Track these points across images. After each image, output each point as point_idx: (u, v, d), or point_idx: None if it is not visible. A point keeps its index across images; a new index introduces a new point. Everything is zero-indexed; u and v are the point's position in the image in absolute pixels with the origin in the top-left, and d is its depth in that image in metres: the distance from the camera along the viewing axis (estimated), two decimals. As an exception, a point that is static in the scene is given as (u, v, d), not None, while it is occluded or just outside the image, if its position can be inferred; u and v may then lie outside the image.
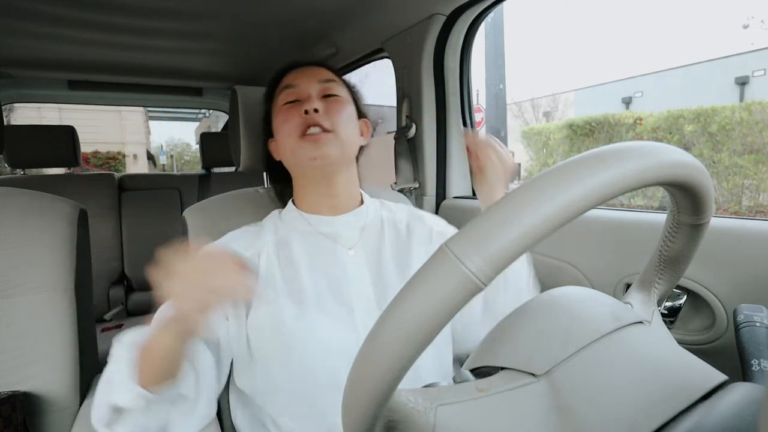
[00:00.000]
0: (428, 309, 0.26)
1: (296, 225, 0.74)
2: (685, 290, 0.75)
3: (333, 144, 0.69)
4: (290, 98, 0.73)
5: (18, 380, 0.75)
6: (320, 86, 0.74)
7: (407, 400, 0.33)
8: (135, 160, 16.02)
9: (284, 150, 0.73)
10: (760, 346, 0.40)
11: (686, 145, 5.54)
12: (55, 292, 0.78)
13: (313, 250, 0.71)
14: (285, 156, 0.74)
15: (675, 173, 0.31)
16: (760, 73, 9.59)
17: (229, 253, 0.50)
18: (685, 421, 0.30)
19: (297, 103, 0.72)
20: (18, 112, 8.82)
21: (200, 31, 1.50)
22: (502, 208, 0.27)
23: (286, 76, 0.76)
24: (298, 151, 0.69)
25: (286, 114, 0.72)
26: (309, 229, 0.73)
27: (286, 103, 0.73)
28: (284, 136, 0.71)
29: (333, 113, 0.71)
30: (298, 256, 0.70)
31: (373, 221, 0.77)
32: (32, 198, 0.83)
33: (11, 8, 1.25)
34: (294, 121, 0.70)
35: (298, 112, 0.70)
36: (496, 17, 4.24)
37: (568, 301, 0.41)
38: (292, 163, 0.74)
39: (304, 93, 0.72)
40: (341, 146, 0.70)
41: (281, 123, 0.72)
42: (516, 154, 10.77)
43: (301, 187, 0.76)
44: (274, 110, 0.75)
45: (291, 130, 0.70)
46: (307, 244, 0.71)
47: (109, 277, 1.91)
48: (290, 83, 0.74)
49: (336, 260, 0.70)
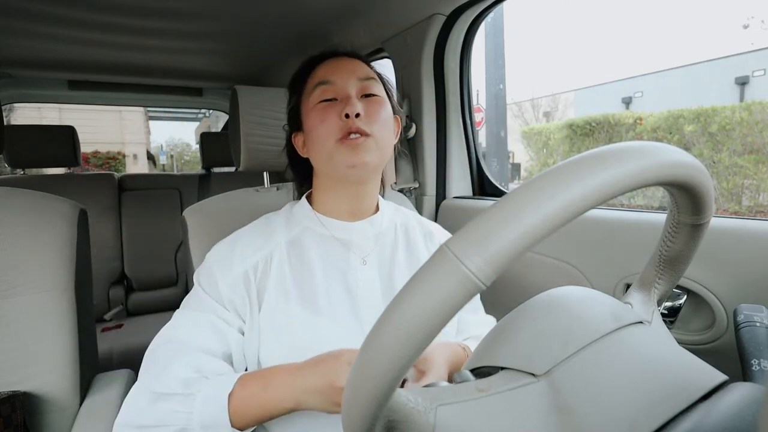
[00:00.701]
0: (428, 309, 0.26)
1: (310, 226, 0.71)
2: (685, 290, 0.75)
3: (372, 151, 0.66)
4: (327, 96, 0.67)
5: (18, 380, 0.75)
6: (360, 84, 0.68)
7: (407, 400, 0.33)
8: (135, 160, 16.02)
9: (319, 151, 0.68)
10: (760, 346, 0.40)
11: (686, 145, 5.54)
12: (55, 292, 0.78)
13: (326, 255, 0.69)
14: (318, 157, 0.69)
15: (675, 173, 0.31)
16: (760, 73, 9.59)
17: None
18: (685, 421, 0.30)
19: (335, 102, 0.67)
20: (18, 112, 8.82)
21: (200, 31, 1.50)
22: (502, 208, 0.27)
23: (321, 67, 0.70)
24: (336, 155, 0.65)
25: (322, 113, 0.66)
26: (324, 232, 0.70)
27: (322, 100, 0.67)
28: (320, 137, 0.66)
29: (373, 116, 0.67)
30: (311, 259, 0.68)
31: (387, 228, 0.75)
32: (32, 198, 0.83)
33: (11, 8, 1.25)
34: (333, 123, 0.65)
35: (337, 113, 0.65)
36: (496, 17, 4.25)
37: (568, 301, 0.41)
38: (325, 166, 0.68)
39: (343, 92, 0.67)
40: (380, 152, 0.67)
41: (317, 122, 0.67)
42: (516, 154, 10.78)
43: (326, 188, 0.72)
44: (305, 105, 0.70)
45: (329, 133, 0.65)
46: (320, 247, 0.69)
47: (109, 277, 1.91)
48: (326, 78, 0.68)
49: (349, 269, 0.68)
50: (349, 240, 0.70)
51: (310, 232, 0.70)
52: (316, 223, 0.71)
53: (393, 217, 0.78)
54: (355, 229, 0.71)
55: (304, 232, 0.70)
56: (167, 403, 0.53)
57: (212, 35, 1.56)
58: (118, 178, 2.02)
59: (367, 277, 0.68)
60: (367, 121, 0.66)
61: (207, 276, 0.65)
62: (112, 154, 15.28)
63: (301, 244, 0.69)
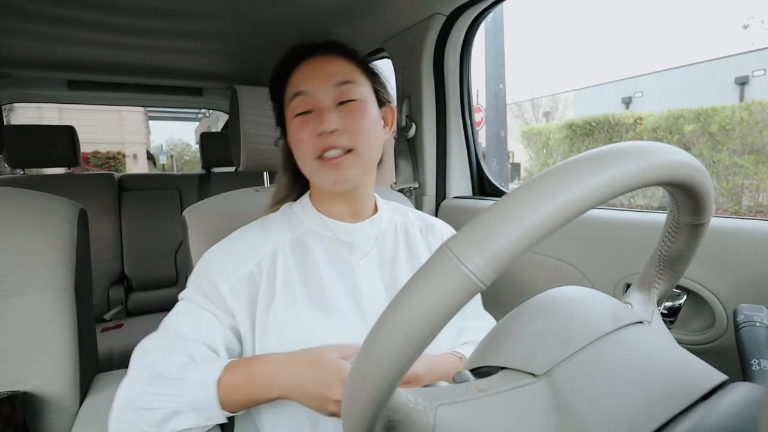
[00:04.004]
0: (428, 309, 0.26)
1: (313, 226, 0.70)
2: (685, 290, 0.75)
3: (354, 166, 0.64)
4: (303, 108, 0.65)
5: (18, 380, 0.75)
6: (336, 91, 0.65)
7: (407, 400, 0.33)
8: (135, 160, 16.03)
9: (302, 167, 0.68)
10: (760, 346, 0.40)
11: (686, 145, 5.55)
12: (55, 292, 0.78)
13: (330, 256, 0.68)
14: (303, 171, 0.69)
15: (675, 173, 0.31)
16: (760, 73, 9.59)
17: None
18: (685, 421, 0.30)
19: (310, 116, 0.64)
20: (18, 112, 8.82)
21: (200, 31, 1.50)
22: (502, 208, 0.27)
23: (297, 72, 0.67)
24: (317, 174, 0.65)
25: (299, 130, 0.64)
26: (327, 234, 0.70)
27: (297, 114, 0.65)
28: (300, 156, 0.66)
29: (352, 126, 0.63)
30: (316, 260, 0.67)
31: (388, 228, 0.74)
32: (32, 198, 0.83)
33: (11, 8, 1.25)
34: (309, 142, 0.63)
35: (313, 128, 0.63)
36: (496, 17, 4.25)
37: (568, 301, 0.41)
38: (311, 180, 0.70)
39: (318, 103, 0.64)
40: (363, 165, 0.65)
41: (295, 140, 0.66)
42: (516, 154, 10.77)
43: (322, 193, 0.71)
44: (287, 114, 0.68)
45: (307, 152, 0.64)
46: (324, 248, 0.69)
47: (109, 277, 1.91)
48: (301, 89, 0.65)
49: (352, 270, 0.68)
50: (351, 241, 0.70)
51: (312, 233, 0.70)
52: (319, 224, 0.70)
53: (392, 216, 0.77)
54: (357, 231, 0.71)
55: (307, 232, 0.70)
56: (160, 387, 0.55)
57: (212, 35, 1.56)
58: (118, 178, 2.02)
59: (370, 277, 0.68)
60: (346, 135, 0.63)
61: (206, 279, 0.64)
62: (112, 154, 15.28)
63: (305, 245, 0.68)
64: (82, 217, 0.87)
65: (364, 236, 0.71)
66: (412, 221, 0.78)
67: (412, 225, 0.77)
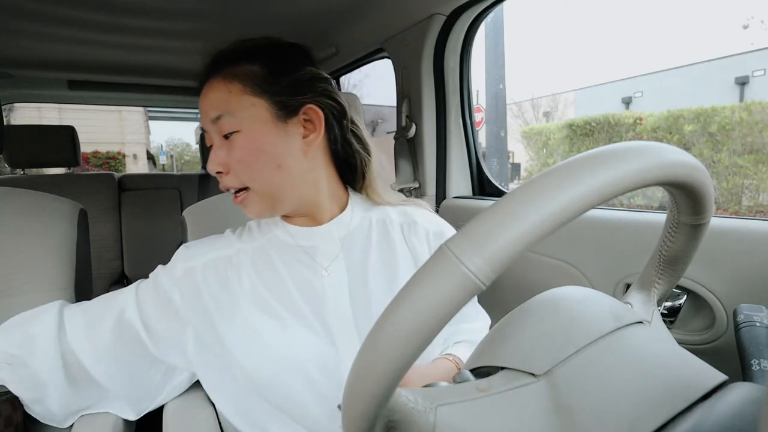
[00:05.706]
0: (428, 309, 0.26)
1: (276, 234, 0.69)
2: (685, 290, 0.75)
3: (256, 203, 0.62)
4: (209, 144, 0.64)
5: (18, 380, 0.74)
6: (215, 127, 0.60)
7: (407, 400, 0.33)
8: (135, 160, 16.03)
9: None
10: (760, 346, 0.40)
11: (686, 145, 5.55)
12: (55, 291, 0.78)
13: (291, 264, 0.66)
14: None
15: (675, 173, 0.31)
16: (760, 73, 9.60)
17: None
18: (685, 421, 0.30)
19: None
20: (18, 112, 8.82)
21: (201, 31, 1.50)
22: (502, 208, 0.27)
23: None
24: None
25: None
26: (289, 240, 0.67)
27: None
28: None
29: (239, 163, 0.59)
30: (277, 268, 0.65)
31: (359, 226, 0.70)
32: (32, 198, 0.83)
33: (11, 8, 1.25)
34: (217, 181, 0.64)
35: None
36: (496, 17, 4.25)
37: (568, 301, 0.41)
38: None
39: (211, 138, 0.63)
40: (266, 199, 0.62)
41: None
42: (516, 154, 10.76)
43: None
44: None
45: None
46: (285, 256, 0.66)
47: (109, 277, 1.91)
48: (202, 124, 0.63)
49: (314, 277, 0.65)
50: (313, 247, 0.67)
51: (276, 241, 0.68)
52: (282, 231, 0.68)
53: (367, 213, 0.72)
54: (320, 234, 0.67)
55: (270, 241, 0.68)
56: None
57: (212, 35, 1.56)
58: (118, 178, 2.02)
59: (332, 283, 0.65)
60: (233, 174, 0.60)
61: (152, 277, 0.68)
62: (112, 154, 15.29)
63: (266, 252, 0.67)
64: (83, 217, 0.87)
65: (328, 239, 0.67)
66: (392, 217, 0.72)
67: (391, 221, 0.72)
